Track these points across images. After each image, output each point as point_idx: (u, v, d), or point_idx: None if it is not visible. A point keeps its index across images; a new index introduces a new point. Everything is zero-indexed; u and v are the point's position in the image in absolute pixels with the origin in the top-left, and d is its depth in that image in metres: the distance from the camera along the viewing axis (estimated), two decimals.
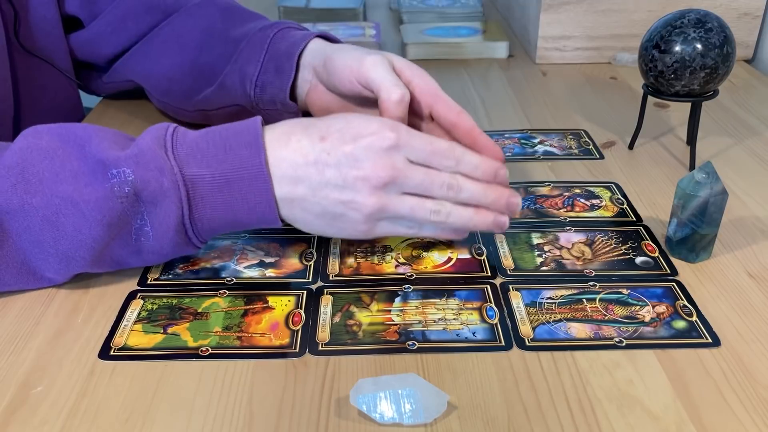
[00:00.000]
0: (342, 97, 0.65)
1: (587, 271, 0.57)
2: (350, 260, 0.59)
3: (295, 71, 0.66)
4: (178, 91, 0.76)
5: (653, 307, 0.53)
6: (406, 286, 0.56)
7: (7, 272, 0.53)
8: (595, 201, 0.67)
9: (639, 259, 0.59)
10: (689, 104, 0.73)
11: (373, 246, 0.61)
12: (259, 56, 0.67)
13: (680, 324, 0.52)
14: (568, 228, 0.63)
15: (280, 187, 0.52)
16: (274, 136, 0.52)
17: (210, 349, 0.50)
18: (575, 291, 0.55)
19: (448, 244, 0.61)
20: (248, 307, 0.54)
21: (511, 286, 0.56)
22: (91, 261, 0.52)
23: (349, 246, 0.61)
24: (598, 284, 0.56)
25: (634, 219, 0.64)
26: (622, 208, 0.66)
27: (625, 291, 0.55)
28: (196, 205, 0.51)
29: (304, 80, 0.67)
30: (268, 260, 0.59)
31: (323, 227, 0.54)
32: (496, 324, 0.52)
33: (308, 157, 0.51)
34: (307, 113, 0.69)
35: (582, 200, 0.67)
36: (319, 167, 0.51)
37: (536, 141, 0.79)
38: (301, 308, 0.54)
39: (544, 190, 0.69)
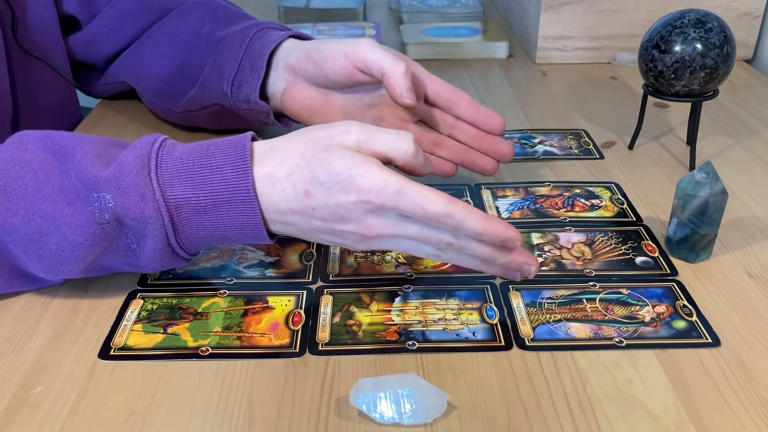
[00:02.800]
0: (328, 87, 0.64)
1: (587, 271, 0.57)
2: (350, 260, 0.59)
3: (265, 70, 0.65)
4: (167, 91, 0.76)
5: (653, 307, 0.53)
6: (406, 286, 0.56)
7: (1, 277, 0.53)
8: (595, 201, 0.67)
9: (639, 259, 0.59)
10: (689, 104, 0.73)
11: None
12: (238, 56, 0.67)
13: (680, 324, 0.52)
14: (568, 228, 0.63)
15: (269, 217, 0.50)
16: (260, 171, 0.49)
17: (210, 349, 0.50)
18: (575, 291, 0.55)
19: None
20: (248, 307, 0.54)
21: (511, 286, 0.55)
22: (79, 273, 0.52)
23: None
24: (598, 284, 0.56)
25: (634, 219, 0.64)
26: (622, 208, 0.66)
27: (625, 291, 0.55)
28: (182, 227, 0.49)
29: (278, 79, 0.66)
30: (268, 260, 0.59)
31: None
32: (496, 324, 0.52)
33: (293, 208, 0.49)
34: (281, 115, 0.69)
35: (582, 200, 0.67)
36: (305, 217, 0.49)
37: (536, 141, 0.79)
38: (301, 308, 0.54)
39: (544, 190, 0.69)
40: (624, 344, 0.50)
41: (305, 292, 0.55)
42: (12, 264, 0.52)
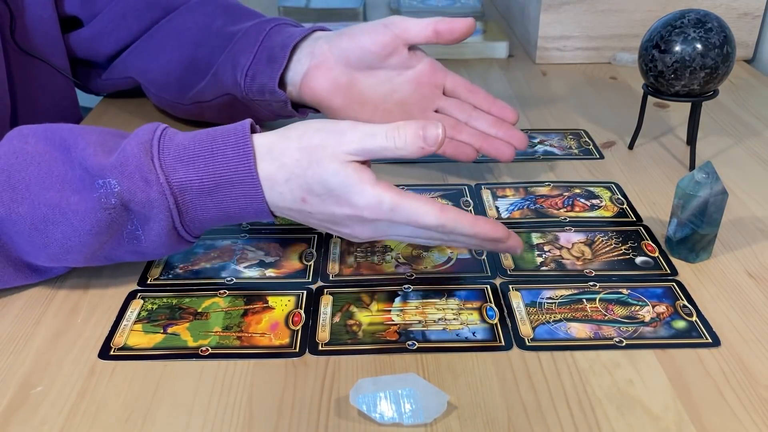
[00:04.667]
0: (359, 64, 0.66)
1: (587, 271, 0.57)
2: (350, 260, 0.59)
3: (287, 61, 0.66)
4: (174, 85, 0.76)
5: (653, 307, 0.53)
6: (406, 286, 0.56)
7: (5, 271, 0.53)
8: (595, 201, 0.67)
9: (639, 259, 0.59)
10: (689, 104, 0.73)
11: (373, 246, 0.61)
12: (253, 48, 0.68)
13: (680, 324, 0.52)
14: (568, 228, 0.63)
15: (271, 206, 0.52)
16: (262, 170, 0.50)
17: (210, 349, 0.50)
18: (575, 291, 0.55)
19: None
20: (248, 307, 0.54)
21: (511, 286, 0.56)
22: (84, 261, 0.52)
23: (349, 246, 0.61)
24: (598, 284, 0.56)
25: (634, 219, 0.64)
26: (622, 208, 0.66)
27: (625, 291, 0.55)
28: (186, 209, 0.50)
29: (298, 63, 0.67)
30: (268, 260, 0.59)
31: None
32: (496, 324, 0.52)
33: (292, 208, 0.51)
34: (296, 104, 0.70)
35: (582, 200, 0.67)
36: (304, 215, 0.52)
37: (536, 141, 0.79)
38: (301, 308, 0.54)
39: (544, 190, 0.69)
40: (624, 344, 0.50)
41: (305, 292, 0.55)
42: (16, 255, 0.52)
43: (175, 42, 0.76)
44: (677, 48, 0.67)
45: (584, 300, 0.54)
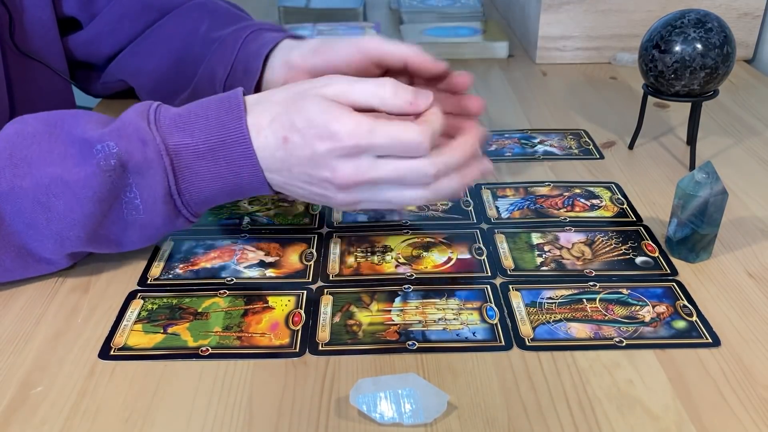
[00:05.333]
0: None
1: (587, 271, 0.57)
2: (350, 260, 0.59)
3: (261, 71, 0.66)
4: (163, 91, 0.77)
5: (653, 307, 0.53)
6: (406, 286, 0.56)
7: (6, 256, 0.53)
8: (595, 201, 0.67)
9: (639, 259, 0.59)
10: (689, 104, 0.73)
11: (373, 246, 0.61)
12: (230, 58, 0.68)
13: (680, 324, 0.52)
14: (568, 228, 0.63)
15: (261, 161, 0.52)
16: (249, 120, 0.52)
17: (210, 349, 0.50)
18: (575, 291, 0.55)
19: (448, 244, 0.61)
20: (248, 307, 0.54)
21: (511, 286, 0.55)
22: (86, 239, 0.53)
23: (349, 246, 0.61)
24: (598, 284, 0.56)
25: (634, 219, 0.64)
26: (622, 208, 0.66)
27: (625, 291, 0.55)
28: (182, 174, 0.52)
29: (273, 74, 0.67)
30: (268, 260, 0.59)
31: (310, 201, 0.56)
32: (496, 324, 0.52)
33: (275, 155, 0.51)
34: None
35: (582, 200, 0.67)
36: (285, 165, 0.52)
37: (536, 141, 0.79)
38: (301, 308, 0.54)
39: (544, 190, 0.69)
40: (624, 344, 0.50)
41: (305, 292, 0.55)
42: (19, 243, 0.52)
43: (164, 46, 0.77)
44: (677, 48, 0.67)
45: (584, 300, 0.54)
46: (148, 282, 0.57)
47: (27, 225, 0.51)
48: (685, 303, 0.53)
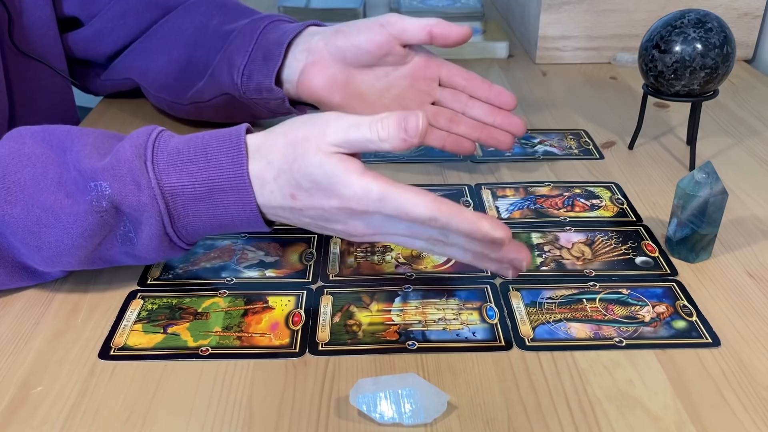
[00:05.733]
0: (355, 62, 0.65)
1: (587, 271, 0.57)
2: (350, 260, 0.59)
3: (283, 58, 0.66)
4: (173, 85, 0.76)
5: (653, 307, 0.53)
6: (406, 286, 0.56)
7: (1, 270, 0.53)
8: (595, 201, 0.67)
9: (639, 259, 0.59)
10: (689, 104, 0.73)
11: (373, 246, 0.61)
12: (248, 46, 0.68)
13: (680, 324, 0.52)
14: (568, 228, 0.63)
15: (262, 210, 0.50)
16: (251, 170, 0.49)
17: (210, 349, 0.50)
18: (575, 291, 0.55)
19: None
20: (248, 307, 0.54)
21: (511, 286, 0.55)
22: (79, 264, 0.52)
23: (349, 246, 0.61)
24: (598, 284, 0.56)
25: (634, 219, 0.64)
26: (622, 208, 0.66)
27: (625, 291, 0.55)
28: (178, 215, 0.50)
29: (295, 60, 0.67)
30: (268, 260, 0.59)
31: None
32: (496, 324, 0.52)
33: (283, 206, 0.49)
34: (294, 101, 0.69)
35: (582, 200, 0.67)
36: (294, 215, 0.50)
37: (536, 141, 0.79)
38: (301, 308, 0.54)
39: (544, 190, 0.69)
40: (624, 344, 0.50)
41: (305, 292, 0.55)
42: (11, 257, 0.52)
43: (173, 42, 0.76)
44: (677, 48, 0.67)
45: (584, 300, 0.54)
46: (148, 282, 0.57)
47: (20, 245, 0.51)
48: (685, 303, 0.53)
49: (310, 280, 0.57)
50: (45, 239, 0.49)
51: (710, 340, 0.50)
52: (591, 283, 0.56)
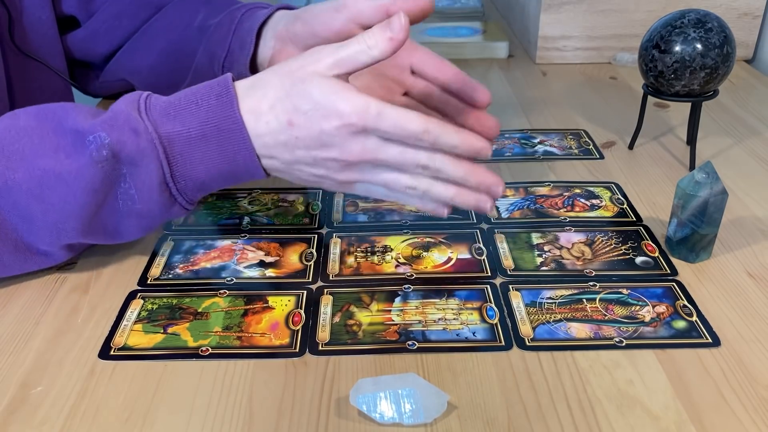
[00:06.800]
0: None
1: (587, 271, 0.57)
2: (350, 260, 0.59)
3: (255, 44, 0.66)
4: (162, 85, 0.76)
5: (653, 307, 0.53)
6: (406, 286, 0.56)
7: (3, 250, 0.53)
8: (595, 201, 0.67)
9: (639, 259, 0.59)
10: (689, 104, 0.73)
11: (373, 246, 0.61)
12: (227, 37, 0.68)
13: (680, 324, 0.52)
14: (568, 228, 0.63)
15: (257, 149, 0.52)
16: (244, 107, 0.51)
17: (210, 349, 0.50)
18: (575, 291, 0.55)
19: (448, 244, 0.61)
20: (248, 307, 0.54)
21: (511, 286, 0.55)
22: (82, 230, 0.53)
23: (349, 246, 0.61)
24: (598, 284, 0.56)
25: (634, 219, 0.64)
26: (622, 208, 0.66)
27: (625, 291, 0.55)
28: (176, 162, 0.51)
29: (266, 48, 0.66)
30: (268, 260, 0.59)
31: (304, 183, 0.55)
32: (496, 324, 0.52)
33: (278, 138, 0.51)
34: None
35: (582, 200, 0.67)
36: (289, 147, 0.51)
37: (536, 141, 0.79)
38: (301, 308, 0.54)
39: (544, 190, 0.69)
40: (624, 344, 0.50)
41: (305, 292, 0.55)
42: (15, 237, 0.52)
43: (162, 40, 0.77)
44: (677, 48, 0.67)
45: (584, 300, 0.54)
46: (148, 282, 0.57)
47: (22, 218, 0.51)
48: (685, 303, 0.53)
49: (310, 280, 0.57)
50: (49, 202, 0.50)
51: (710, 340, 0.50)
52: (591, 283, 0.56)
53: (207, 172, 0.52)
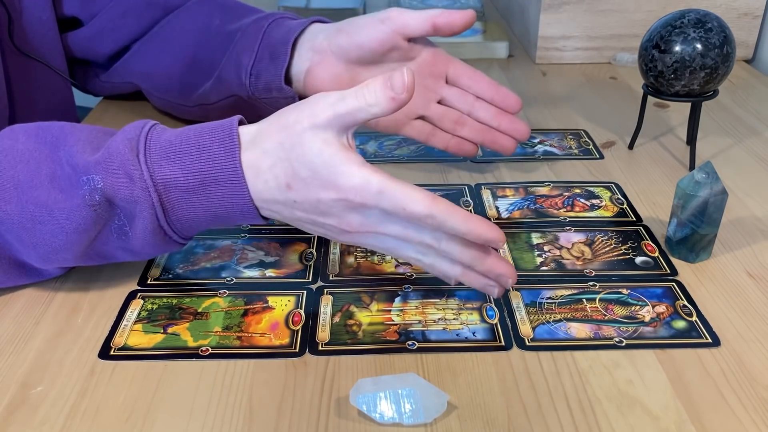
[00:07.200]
0: (359, 60, 0.65)
1: (587, 271, 0.57)
2: (350, 260, 0.59)
3: (290, 56, 0.66)
4: (177, 87, 0.76)
5: (653, 307, 0.53)
6: (406, 286, 0.56)
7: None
8: (595, 201, 0.67)
9: (639, 259, 0.59)
10: (689, 104, 0.73)
11: None
12: (254, 46, 0.68)
13: (680, 324, 0.52)
14: (568, 228, 0.63)
15: (255, 204, 0.50)
16: (245, 160, 0.49)
17: (210, 349, 0.50)
18: (575, 291, 0.55)
19: None
20: (248, 307, 0.54)
21: (511, 286, 0.55)
22: (75, 260, 0.52)
23: (349, 246, 0.61)
24: (598, 284, 0.56)
25: (634, 219, 0.64)
26: (622, 208, 0.66)
27: (625, 291, 0.55)
28: (172, 207, 0.49)
29: (301, 59, 0.67)
30: (268, 260, 0.59)
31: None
32: (496, 324, 0.52)
33: (277, 198, 0.49)
34: (303, 97, 0.69)
35: (582, 200, 0.67)
36: (288, 207, 0.49)
37: (536, 141, 0.79)
38: (301, 308, 0.54)
39: (544, 190, 0.69)
40: (624, 344, 0.50)
41: (305, 292, 0.55)
42: (8, 254, 0.52)
43: (176, 44, 0.76)
44: (677, 48, 0.67)
45: (584, 300, 0.54)
46: (148, 282, 0.57)
47: (15, 242, 0.51)
48: (685, 303, 0.53)
49: (310, 280, 0.57)
50: (40, 236, 0.49)
51: (710, 340, 0.50)
52: (591, 283, 0.56)
53: (203, 217, 0.50)
